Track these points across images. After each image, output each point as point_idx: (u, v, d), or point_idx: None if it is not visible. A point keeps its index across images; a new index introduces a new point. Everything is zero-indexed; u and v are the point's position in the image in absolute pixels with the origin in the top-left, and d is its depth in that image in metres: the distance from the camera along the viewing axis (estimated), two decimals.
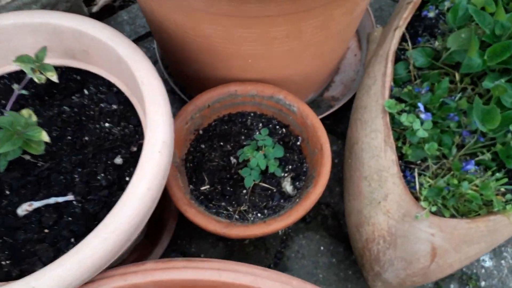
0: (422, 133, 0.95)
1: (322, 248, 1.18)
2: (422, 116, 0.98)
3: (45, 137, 0.80)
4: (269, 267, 1.17)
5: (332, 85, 1.39)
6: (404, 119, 0.98)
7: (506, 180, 0.92)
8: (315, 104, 1.36)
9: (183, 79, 1.27)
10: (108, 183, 0.86)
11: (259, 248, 1.19)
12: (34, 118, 0.81)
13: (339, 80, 1.39)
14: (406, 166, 1.04)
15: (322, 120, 1.35)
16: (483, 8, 0.98)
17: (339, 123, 1.36)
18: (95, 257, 0.71)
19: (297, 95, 1.05)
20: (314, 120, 1.00)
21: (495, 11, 0.96)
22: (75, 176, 0.87)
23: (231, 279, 0.79)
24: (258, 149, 0.99)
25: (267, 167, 0.97)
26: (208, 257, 1.19)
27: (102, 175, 0.87)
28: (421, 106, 0.98)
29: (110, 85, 0.97)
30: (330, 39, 0.99)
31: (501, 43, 0.93)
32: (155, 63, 1.47)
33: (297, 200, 0.95)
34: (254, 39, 0.89)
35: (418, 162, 1.03)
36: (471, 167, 0.94)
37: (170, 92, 1.41)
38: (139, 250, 1.19)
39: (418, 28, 1.17)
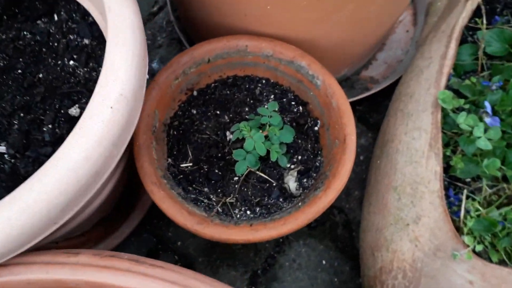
0: (484, 144, 0.71)
1: (324, 262, 0.95)
2: (487, 120, 0.73)
3: None
4: (255, 273, 0.95)
5: (372, 63, 1.13)
6: (462, 120, 0.73)
7: None
8: (348, 84, 1.10)
9: (191, 26, 1.03)
10: (53, 139, 0.65)
11: (249, 247, 0.97)
12: None
13: (382, 59, 1.13)
14: (451, 182, 0.80)
15: (353, 104, 1.10)
16: None
17: (374, 111, 1.11)
18: None
19: (326, 67, 0.80)
20: (341, 101, 0.76)
21: None
22: (15, 122, 0.66)
23: None
24: (261, 127, 0.75)
25: (269, 152, 0.73)
26: (186, 247, 0.98)
27: (49, 126, 0.66)
28: (488, 106, 0.73)
29: (85, 13, 0.75)
30: None
31: None
32: (164, 4, 1.24)
33: (300, 204, 0.71)
34: None
35: (468, 180, 0.78)
36: None
37: (177, 41, 1.18)
38: (105, 224, 0.99)
39: (497, 3, 0.90)
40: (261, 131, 0.72)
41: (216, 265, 0.96)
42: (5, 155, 0.63)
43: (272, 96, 0.84)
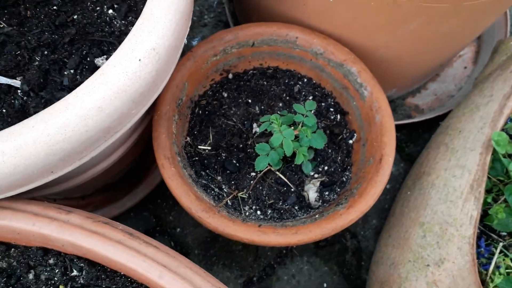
0: None
1: (325, 285, 0.88)
2: None
3: None
4: (251, 279, 0.88)
5: (421, 91, 1.06)
6: None
7: None
8: (391, 106, 1.03)
9: (242, 7, 0.97)
10: (72, 85, 0.59)
11: (249, 251, 0.91)
12: None
13: (432, 90, 1.06)
14: (483, 232, 0.72)
15: None
16: None
17: (411, 142, 1.04)
18: None
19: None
20: (386, 118, 0.69)
21: None
22: (36, 58, 0.62)
23: None
24: (293, 125, 0.69)
25: (294, 154, 0.67)
26: (184, 235, 0.92)
27: (71, 71, 0.60)
28: None
29: None
30: (457, 12, 0.67)
31: None
32: None
33: (317, 216, 0.65)
34: None
35: (504, 234, 0.71)
36: None
37: (223, 24, 1.13)
38: (108, 192, 0.94)
39: None
40: (292, 128, 0.66)
41: (211, 261, 0.90)
42: (19, 91, 0.59)
43: (310, 97, 0.78)
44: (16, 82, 0.59)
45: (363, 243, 0.93)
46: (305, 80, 0.79)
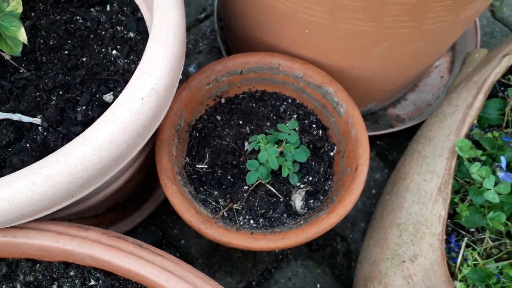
0: (492, 196, 0.72)
1: (318, 286, 0.97)
2: (500, 174, 0.74)
3: (22, 35, 0.63)
4: (250, 284, 0.97)
5: (401, 102, 1.15)
6: (475, 170, 0.75)
7: None
8: (373, 118, 1.13)
9: (232, 37, 1.08)
10: (85, 120, 0.69)
11: (248, 257, 0.99)
12: (19, 9, 0.65)
13: (411, 100, 1.15)
14: (454, 229, 0.81)
15: (375, 138, 1.12)
16: None
17: (394, 149, 1.13)
18: (15, 201, 0.55)
19: (353, 97, 0.83)
20: (360, 132, 0.78)
21: None
22: (53, 98, 0.71)
23: None
24: (278, 142, 0.78)
25: (281, 167, 0.76)
26: (188, 246, 1.01)
27: (83, 108, 0.70)
28: (503, 161, 0.75)
29: (135, 9, 0.80)
30: (419, 35, 0.76)
31: None
32: (211, 13, 1.29)
33: (302, 222, 0.74)
34: (316, 1, 0.68)
35: (472, 230, 0.80)
36: None
37: (216, 50, 1.23)
38: (118, 211, 1.03)
39: None
40: (277, 146, 0.75)
41: (214, 269, 0.98)
42: (39, 127, 0.68)
43: (295, 116, 0.87)
44: (37, 120, 0.68)
45: (353, 245, 1.02)
46: (290, 100, 0.89)
